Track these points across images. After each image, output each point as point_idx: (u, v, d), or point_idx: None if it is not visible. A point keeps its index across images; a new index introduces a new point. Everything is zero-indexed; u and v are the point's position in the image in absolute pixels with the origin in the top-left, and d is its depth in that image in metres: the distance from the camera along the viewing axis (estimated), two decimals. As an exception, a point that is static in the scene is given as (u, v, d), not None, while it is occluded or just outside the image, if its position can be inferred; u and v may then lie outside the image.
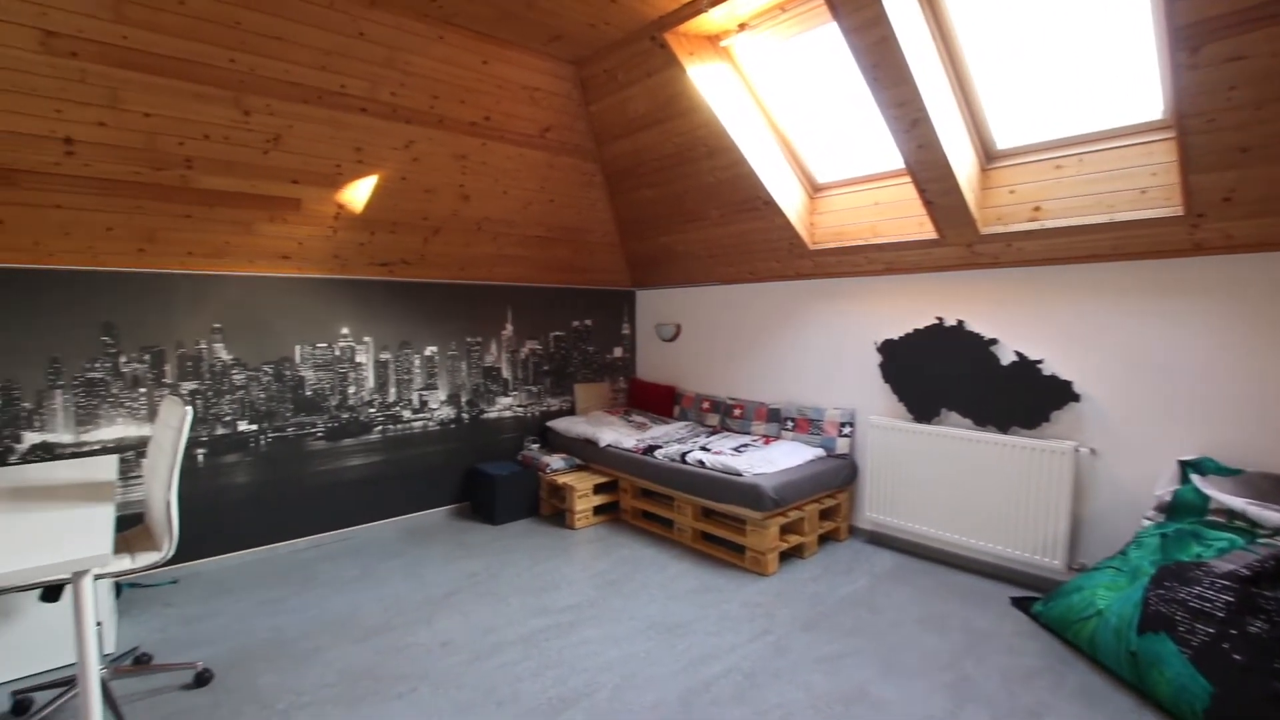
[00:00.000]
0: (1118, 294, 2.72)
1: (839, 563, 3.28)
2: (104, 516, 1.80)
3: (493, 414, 4.37)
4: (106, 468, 2.46)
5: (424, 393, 4.03)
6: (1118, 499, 2.74)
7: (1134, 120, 2.53)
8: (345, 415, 3.72)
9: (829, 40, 2.95)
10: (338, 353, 3.67)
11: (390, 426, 3.89)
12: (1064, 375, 2.86)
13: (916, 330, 3.35)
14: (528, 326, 4.52)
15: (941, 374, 3.26)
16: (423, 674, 2.27)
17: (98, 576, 1.98)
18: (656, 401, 4.81)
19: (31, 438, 2.82)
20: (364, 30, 2.94)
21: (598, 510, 3.96)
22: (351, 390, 3.74)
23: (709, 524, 3.42)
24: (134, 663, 2.31)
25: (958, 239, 3.03)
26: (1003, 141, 2.88)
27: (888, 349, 3.48)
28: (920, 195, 2.95)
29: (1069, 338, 2.86)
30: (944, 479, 3.18)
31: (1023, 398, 2.97)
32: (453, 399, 4.17)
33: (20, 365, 2.78)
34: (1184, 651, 1.96)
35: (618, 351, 5.12)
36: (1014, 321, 3.03)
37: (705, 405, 4.44)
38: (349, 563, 3.31)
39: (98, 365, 2.96)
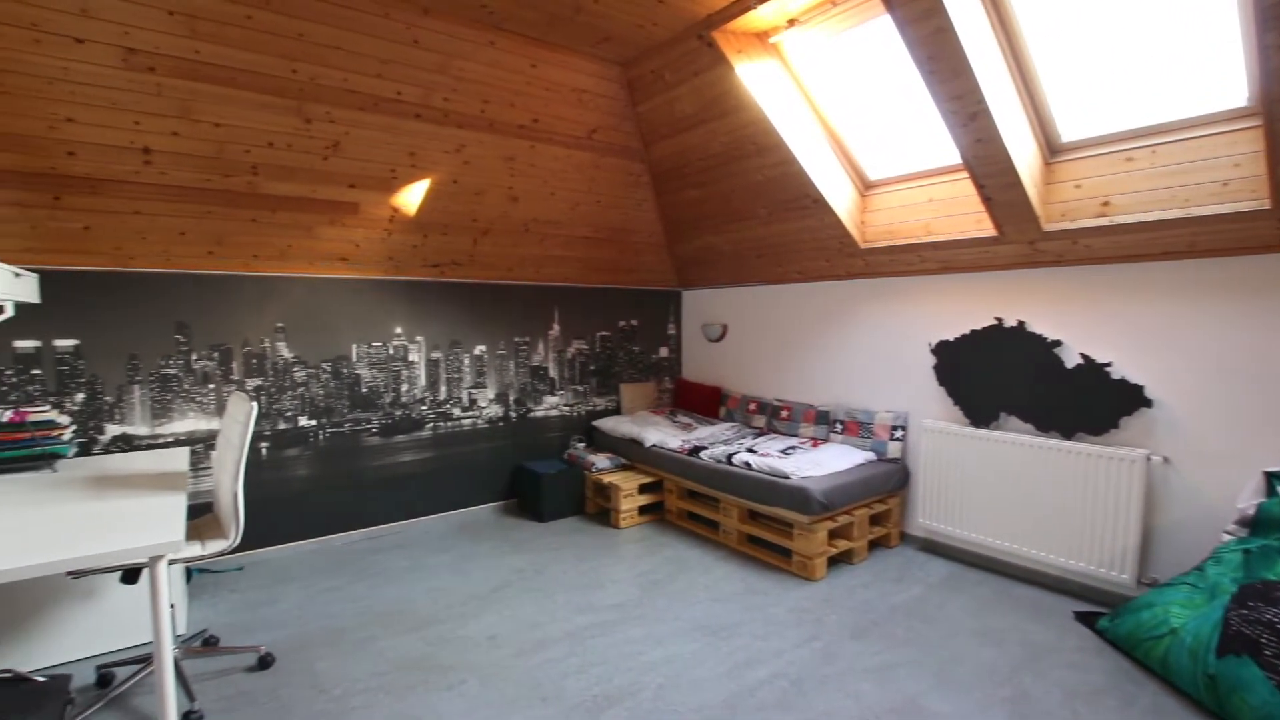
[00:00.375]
0: (1195, 293, 2.55)
1: (890, 570, 3.20)
2: (177, 505, 1.91)
3: (539, 413, 4.43)
4: (179, 459, 2.61)
5: (473, 391, 4.12)
6: (1194, 511, 2.57)
7: (1214, 108, 2.37)
8: (398, 412, 3.83)
9: (882, 33, 2.88)
10: (391, 351, 3.79)
11: (441, 424, 3.99)
12: (1135, 379, 2.71)
13: (974, 331, 3.23)
14: (574, 326, 4.57)
15: (1000, 377, 3.13)
16: (471, 666, 2.32)
17: (171, 561, 2.10)
18: (702, 402, 4.79)
19: (113, 429, 3.01)
20: (418, 38, 3.02)
21: (643, 510, 3.96)
22: (404, 388, 3.85)
23: (755, 526, 3.37)
24: (203, 644, 2.44)
25: (1019, 236, 2.90)
26: (1068, 134, 2.75)
27: (943, 350, 3.37)
28: (978, 191, 2.84)
29: (1141, 339, 2.70)
30: (1002, 486, 3.06)
31: (1089, 402, 2.83)
32: (501, 397, 4.24)
33: (104, 362, 2.97)
34: (1271, 677, 1.83)
35: (663, 352, 5.12)
36: (1080, 322, 2.88)
37: (752, 406, 4.40)
38: (401, 555, 3.41)
39: (171, 362, 3.13)
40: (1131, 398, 2.71)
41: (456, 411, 4.05)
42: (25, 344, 2.81)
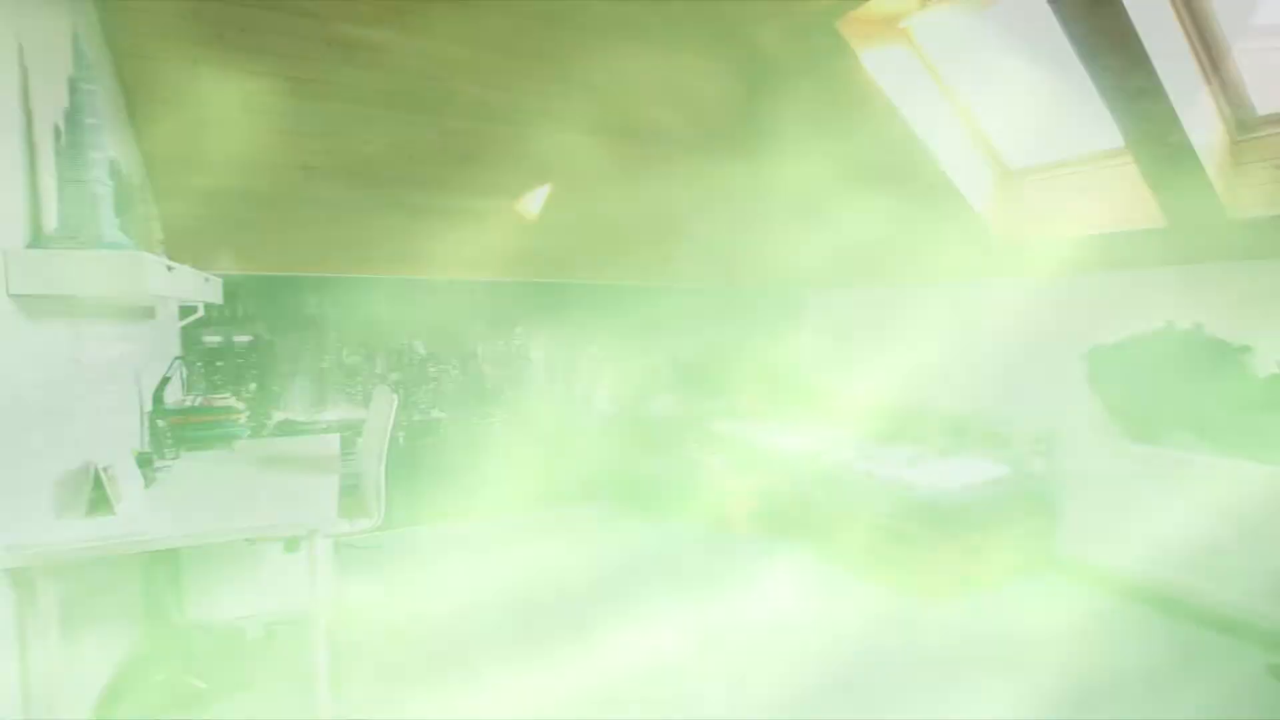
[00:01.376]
0: None
1: (1030, 598, 2.90)
2: (331, 485, 2.11)
3: (652, 411, 4.47)
4: (331, 444, 2.89)
5: (589, 389, 4.24)
6: None
7: None
8: (519, 407, 4.02)
9: (1029, 7, 2.63)
10: (513, 349, 3.99)
11: (556, 420, 4.14)
12: (1351, 393, 2.29)
13: (1137, 335, 2.87)
14: (691, 327, 4.56)
15: (1169, 387, 2.75)
16: (578, 654, 2.38)
17: (325, 535, 2.32)
18: (818, 406, 4.61)
19: (278, 416, 3.40)
20: (545, 50, 3.14)
21: (753, 513, 3.87)
22: (524, 384, 4.04)
23: (874, 538, 3.19)
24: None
25: (1195, 227, 2.54)
26: (1264, 106, 2.36)
27: (1098, 357, 3.02)
28: (1144, 177, 2.52)
29: (1360, 346, 2.28)
30: (1171, 511, 2.68)
31: (1287, 419, 2.42)
32: (615, 396, 4.33)
33: (271, 356, 3.36)
34: None
35: (779, 353, 4.98)
36: (1275, 326, 2.47)
37: (873, 412, 4.17)
38: (518, 546, 3.56)
39: (326, 357, 3.49)
40: (1347, 415, 2.29)
41: (572, 409, 4.19)
42: (212, 339, 3.25)
